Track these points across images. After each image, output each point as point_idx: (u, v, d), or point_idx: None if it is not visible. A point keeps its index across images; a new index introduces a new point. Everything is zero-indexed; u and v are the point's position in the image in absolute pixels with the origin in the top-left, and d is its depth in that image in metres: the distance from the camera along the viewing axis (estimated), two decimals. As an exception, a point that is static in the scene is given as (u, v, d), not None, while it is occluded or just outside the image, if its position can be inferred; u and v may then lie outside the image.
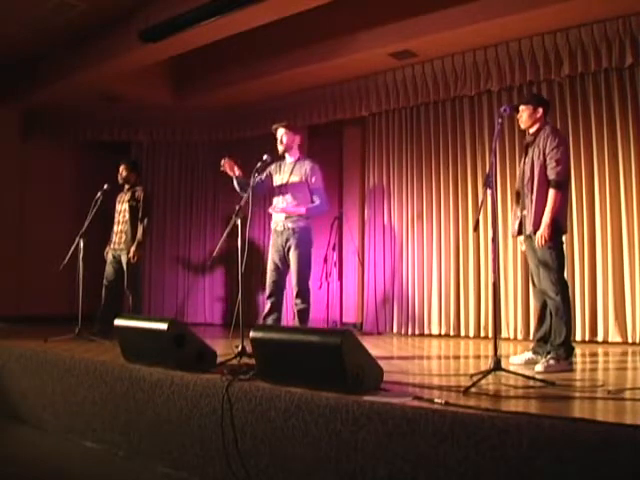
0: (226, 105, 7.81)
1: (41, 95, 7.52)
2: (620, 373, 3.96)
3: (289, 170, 4.78)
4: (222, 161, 4.72)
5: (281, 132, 4.82)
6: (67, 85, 7.16)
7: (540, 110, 3.97)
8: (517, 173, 4.28)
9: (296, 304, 4.65)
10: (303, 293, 4.63)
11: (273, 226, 4.80)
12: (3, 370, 4.85)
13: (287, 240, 4.67)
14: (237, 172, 4.71)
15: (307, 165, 4.77)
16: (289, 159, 4.85)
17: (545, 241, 3.76)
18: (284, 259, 4.71)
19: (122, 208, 6.05)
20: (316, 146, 7.66)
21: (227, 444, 3.15)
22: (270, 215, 4.92)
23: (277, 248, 4.72)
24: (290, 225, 4.66)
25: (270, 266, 4.74)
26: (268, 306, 4.67)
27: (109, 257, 6.05)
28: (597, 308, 5.46)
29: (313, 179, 4.72)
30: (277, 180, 4.83)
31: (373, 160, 7.14)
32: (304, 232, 4.67)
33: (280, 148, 4.83)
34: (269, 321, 4.61)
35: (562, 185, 3.80)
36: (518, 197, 4.14)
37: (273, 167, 4.89)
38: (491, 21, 5.41)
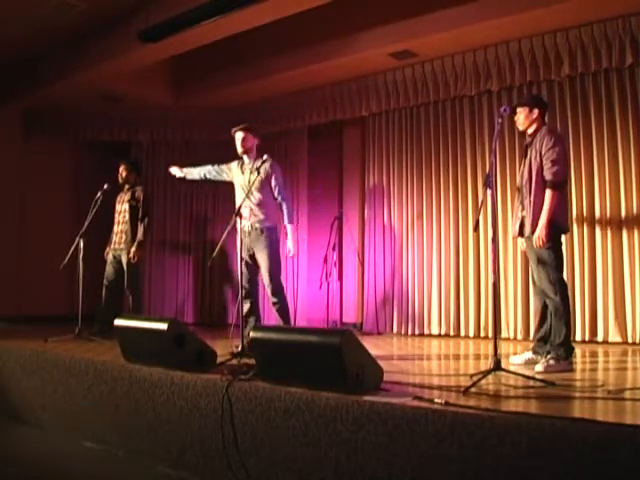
0: (226, 105, 7.81)
1: (41, 95, 7.52)
2: (620, 373, 3.97)
3: (249, 170, 4.84)
4: (172, 170, 5.38)
5: (241, 135, 4.90)
6: (67, 85, 7.16)
7: (536, 111, 3.97)
8: (518, 174, 4.28)
9: (274, 303, 4.73)
10: (277, 290, 4.72)
11: (240, 226, 4.77)
12: (3, 370, 4.85)
13: (255, 240, 4.75)
14: (183, 171, 5.31)
15: (267, 163, 4.78)
16: (247, 160, 4.93)
17: (542, 242, 3.75)
18: (254, 258, 4.79)
19: (122, 208, 6.06)
20: (316, 146, 7.67)
21: (227, 444, 3.15)
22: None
23: (247, 248, 4.77)
24: (258, 226, 4.74)
25: (243, 267, 4.70)
26: (247, 307, 4.69)
27: (109, 257, 6.05)
28: (597, 308, 5.46)
29: (274, 176, 4.82)
30: (239, 180, 4.90)
31: (373, 160, 7.14)
32: (271, 231, 4.79)
33: (240, 150, 4.91)
34: (251, 322, 4.65)
35: (559, 185, 3.79)
36: (519, 198, 4.14)
37: (235, 164, 5.00)
38: (491, 21, 5.41)
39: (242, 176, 4.89)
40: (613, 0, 5.04)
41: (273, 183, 4.81)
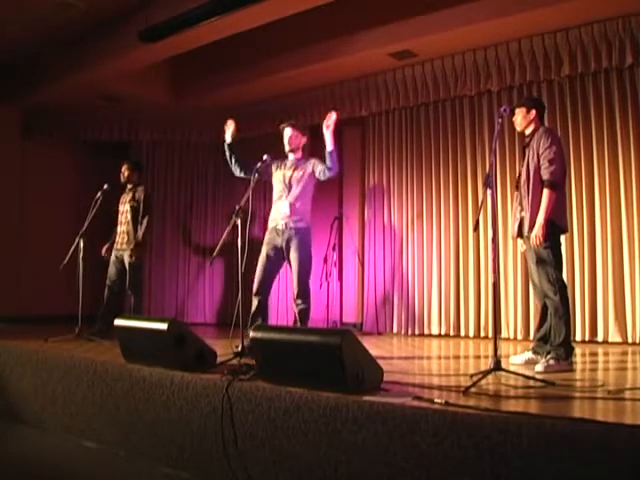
0: (226, 105, 7.79)
1: (41, 95, 7.52)
2: (620, 373, 3.96)
3: (292, 166, 4.79)
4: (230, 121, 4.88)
5: (289, 132, 4.86)
6: (67, 85, 7.16)
7: (533, 112, 3.98)
8: (517, 175, 4.28)
9: (297, 304, 4.65)
10: (304, 293, 4.63)
11: (272, 224, 4.77)
12: (3, 370, 4.85)
13: (288, 240, 4.67)
14: (233, 129, 4.86)
15: (312, 160, 4.80)
16: (291, 156, 4.87)
17: (540, 241, 3.75)
18: (281, 258, 4.72)
19: (124, 209, 6.06)
20: (316, 146, 7.65)
21: (227, 444, 3.14)
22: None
23: (275, 246, 4.70)
24: (292, 225, 4.66)
25: (263, 263, 4.70)
26: (255, 304, 4.65)
27: (112, 257, 6.05)
28: (597, 308, 5.46)
29: (316, 165, 4.76)
30: (279, 176, 4.81)
31: (373, 160, 7.14)
32: (305, 232, 4.69)
33: (287, 148, 4.86)
34: (257, 321, 4.61)
35: (556, 185, 3.79)
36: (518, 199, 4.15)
37: (274, 167, 4.89)
38: (491, 21, 5.41)
39: (281, 172, 4.79)
40: (613, 0, 5.04)
41: (314, 168, 4.74)
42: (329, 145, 4.63)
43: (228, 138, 4.88)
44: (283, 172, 4.79)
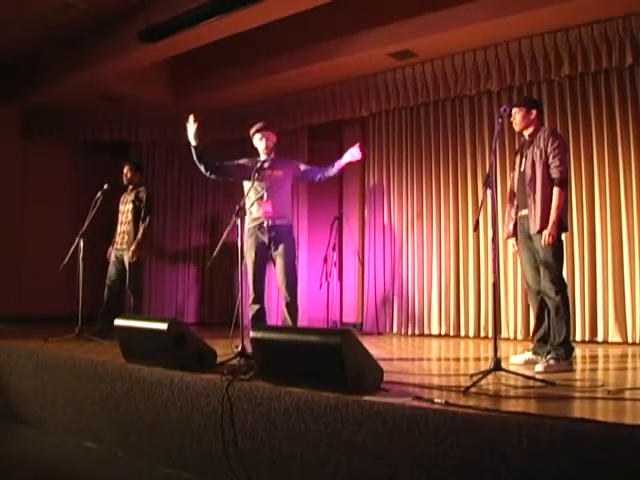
0: (226, 105, 7.81)
1: (41, 95, 7.52)
2: (620, 373, 3.96)
3: (272, 166, 4.75)
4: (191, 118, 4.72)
5: (265, 134, 4.82)
6: (67, 85, 7.16)
7: (534, 112, 3.99)
8: (512, 176, 4.29)
9: (286, 304, 4.68)
10: (292, 290, 4.68)
11: (254, 224, 4.71)
12: (3, 370, 4.85)
13: (273, 239, 4.68)
14: (195, 127, 4.65)
15: (293, 161, 4.89)
16: (266, 157, 4.78)
17: (552, 239, 3.76)
18: (267, 257, 4.75)
19: (125, 209, 6.06)
20: (316, 147, 7.67)
21: (227, 444, 3.15)
22: None
23: (262, 244, 4.69)
24: (277, 223, 4.68)
25: (254, 268, 4.69)
26: (256, 309, 4.67)
27: (112, 257, 6.06)
28: (597, 308, 5.46)
29: (300, 165, 4.91)
30: (256, 176, 4.67)
31: (373, 160, 7.14)
32: (289, 230, 4.76)
33: (267, 149, 4.78)
34: None
35: (564, 183, 3.83)
36: (512, 199, 4.16)
37: (248, 161, 4.85)
38: (491, 21, 5.42)
39: (260, 173, 4.69)
40: (613, 0, 5.04)
41: (304, 167, 4.89)
42: (341, 163, 4.76)
43: (192, 140, 4.62)
44: (262, 173, 4.70)
